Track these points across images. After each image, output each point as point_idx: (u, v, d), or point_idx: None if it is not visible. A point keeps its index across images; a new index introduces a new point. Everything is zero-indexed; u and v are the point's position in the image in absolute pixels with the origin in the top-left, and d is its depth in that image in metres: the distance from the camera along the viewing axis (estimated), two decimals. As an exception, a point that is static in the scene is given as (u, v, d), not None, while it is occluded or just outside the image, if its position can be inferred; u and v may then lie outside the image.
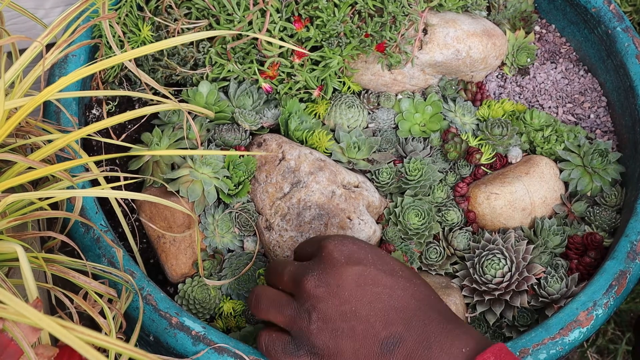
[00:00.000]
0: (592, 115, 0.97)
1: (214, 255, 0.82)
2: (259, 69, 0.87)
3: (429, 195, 0.86)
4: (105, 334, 0.64)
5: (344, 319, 0.62)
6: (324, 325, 0.62)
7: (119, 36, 0.84)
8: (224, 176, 0.82)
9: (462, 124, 0.92)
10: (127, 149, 0.86)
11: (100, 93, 0.72)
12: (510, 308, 0.80)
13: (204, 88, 0.87)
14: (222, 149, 0.85)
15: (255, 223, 0.82)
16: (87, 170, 0.76)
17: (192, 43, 0.87)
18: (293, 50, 0.87)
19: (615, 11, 0.95)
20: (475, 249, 0.82)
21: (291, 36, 0.87)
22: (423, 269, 0.84)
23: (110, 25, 0.76)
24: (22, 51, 0.69)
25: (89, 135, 0.80)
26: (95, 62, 0.86)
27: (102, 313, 0.65)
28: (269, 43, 0.86)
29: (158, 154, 0.70)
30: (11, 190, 0.64)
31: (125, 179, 0.80)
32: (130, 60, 0.74)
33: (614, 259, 0.78)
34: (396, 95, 0.93)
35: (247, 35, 0.85)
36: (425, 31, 0.91)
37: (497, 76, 0.98)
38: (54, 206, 0.72)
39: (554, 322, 0.74)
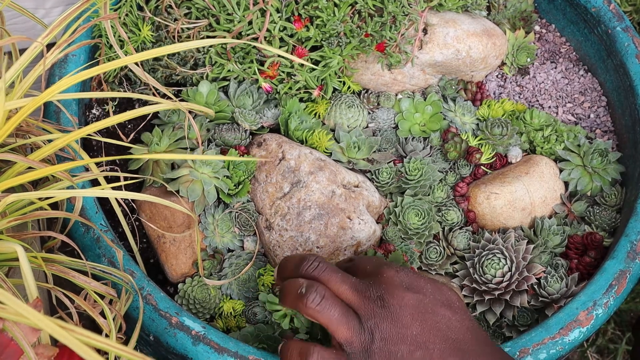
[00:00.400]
0: (592, 115, 0.97)
1: (214, 255, 0.82)
2: (259, 69, 0.87)
3: (429, 195, 0.86)
4: (106, 334, 0.64)
5: (404, 343, 0.62)
6: (384, 346, 0.62)
7: (119, 36, 0.84)
8: (224, 176, 0.82)
9: (462, 124, 0.92)
10: (127, 148, 0.86)
11: (102, 94, 0.72)
12: (510, 308, 0.80)
13: (204, 88, 0.87)
14: (222, 149, 0.85)
15: (255, 223, 0.82)
16: (87, 170, 0.76)
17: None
18: (293, 49, 0.87)
19: (615, 11, 0.95)
20: (475, 248, 0.82)
21: (291, 36, 0.87)
22: (423, 268, 0.84)
23: (111, 25, 0.76)
24: (22, 51, 0.69)
25: (88, 135, 0.80)
26: (96, 61, 0.86)
27: (102, 313, 0.65)
28: (269, 43, 0.86)
29: (156, 157, 0.70)
30: (11, 190, 0.64)
31: (125, 178, 0.80)
32: (138, 64, 0.74)
33: (614, 258, 0.78)
34: (396, 95, 0.93)
35: (247, 35, 0.85)
36: (425, 31, 0.91)
37: (497, 76, 0.98)
38: (54, 206, 0.72)
39: (554, 321, 0.74)
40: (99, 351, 0.50)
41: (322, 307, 0.63)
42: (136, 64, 0.73)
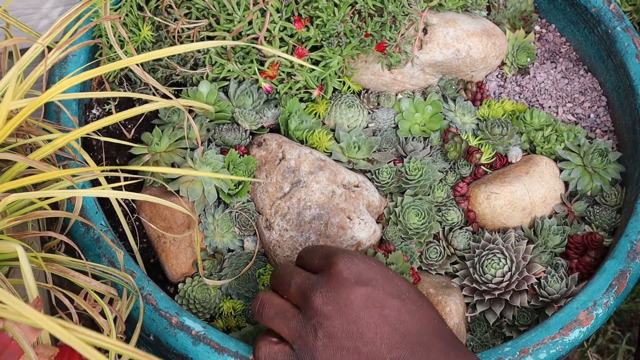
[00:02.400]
0: (592, 115, 0.97)
1: (214, 254, 0.82)
2: (259, 69, 0.87)
3: (429, 194, 0.86)
4: (107, 335, 0.64)
5: (350, 339, 0.62)
6: (330, 343, 0.62)
7: (120, 36, 0.84)
8: (224, 176, 0.82)
9: (462, 124, 0.92)
10: (127, 148, 0.86)
11: (103, 94, 0.73)
12: (511, 308, 0.80)
13: (204, 88, 0.87)
14: (222, 149, 0.85)
15: (255, 223, 0.82)
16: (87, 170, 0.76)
17: (191, 43, 0.87)
18: (293, 49, 0.87)
19: (615, 11, 0.95)
20: (475, 248, 0.82)
21: (291, 36, 0.87)
22: (423, 268, 0.84)
23: (112, 25, 0.76)
24: (22, 50, 0.69)
25: (88, 134, 0.80)
26: (96, 61, 0.86)
27: (102, 313, 0.65)
28: (269, 43, 0.86)
29: (154, 170, 0.70)
30: (12, 190, 0.64)
31: (126, 178, 0.80)
32: (139, 64, 0.74)
33: (614, 258, 0.78)
34: (396, 94, 0.93)
35: (247, 35, 0.85)
36: (425, 31, 0.91)
37: (497, 76, 0.98)
38: (54, 206, 0.72)
39: (554, 321, 0.74)
40: (100, 350, 0.50)
41: (259, 313, 0.66)
42: (137, 64, 0.73)
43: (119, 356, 0.62)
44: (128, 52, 0.84)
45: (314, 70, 0.89)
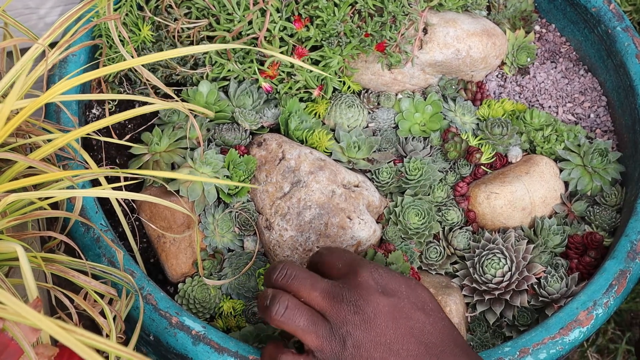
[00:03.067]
0: (592, 115, 0.97)
1: (214, 254, 0.82)
2: (259, 69, 0.87)
3: (429, 194, 0.86)
4: (106, 335, 0.64)
5: (377, 350, 0.62)
6: (357, 353, 0.62)
7: (120, 36, 0.84)
8: (224, 176, 0.82)
9: (462, 124, 0.92)
10: (127, 148, 0.86)
11: (103, 97, 0.73)
12: (511, 307, 0.80)
13: (204, 87, 0.87)
14: (222, 149, 0.85)
15: (255, 222, 0.82)
16: (87, 169, 0.76)
17: (191, 43, 0.87)
18: (293, 49, 0.87)
19: (615, 11, 0.95)
20: (475, 248, 0.82)
21: (291, 36, 0.87)
22: (423, 268, 0.84)
23: (115, 26, 0.76)
24: (22, 50, 0.69)
25: (88, 134, 0.80)
26: (96, 61, 0.86)
27: (102, 313, 0.65)
28: (270, 43, 0.86)
29: (153, 174, 0.70)
30: (12, 190, 0.64)
31: (126, 178, 0.80)
32: (144, 67, 0.74)
33: (614, 258, 0.78)
34: (396, 94, 0.93)
35: (247, 35, 0.85)
36: (425, 31, 0.91)
37: (497, 76, 0.98)
38: (54, 206, 0.72)
39: (554, 321, 0.74)
40: (98, 352, 0.50)
41: (286, 318, 0.63)
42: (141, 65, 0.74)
43: (118, 358, 0.62)
44: (128, 52, 0.84)
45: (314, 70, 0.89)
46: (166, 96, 0.84)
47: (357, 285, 0.64)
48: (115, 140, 0.76)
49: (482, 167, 0.89)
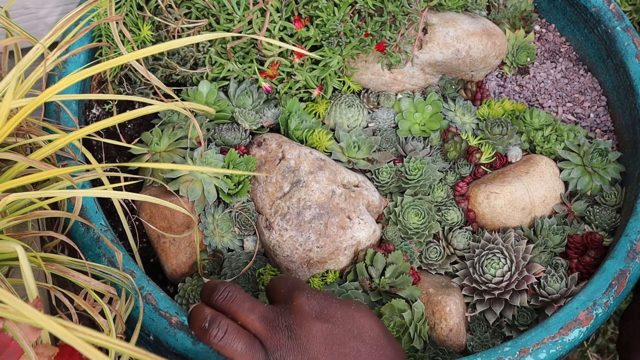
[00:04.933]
0: (592, 115, 0.97)
1: (214, 254, 0.82)
2: (258, 69, 0.87)
3: (428, 194, 0.86)
4: (107, 334, 0.64)
5: None
6: None
7: (121, 36, 0.84)
8: (224, 175, 0.82)
9: (462, 124, 0.92)
10: (128, 148, 0.86)
11: (102, 97, 0.73)
12: (510, 307, 0.80)
13: (204, 87, 0.87)
14: (222, 149, 0.85)
15: (255, 222, 0.82)
16: (87, 170, 0.76)
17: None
18: (293, 49, 0.87)
19: (615, 10, 0.95)
20: (475, 248, 0.83)
21: (291, 35, 0.87)
22: (423, 268, 0.84)
23: (116, 25, 0.76)
24: (23, 50, 0.69)
25: (88, 135, 0.80)
26: (96, 61, 0.86)
27: (102, 313, 0.65)
28: (269, 43, 0.86)
29: (156, 167, 0.70)
30: (12, 189, 0.64)
31: (126, 179, 0.80)
32: (139, 62, 0.74)
33: (613, 258, 0.78)
34: (396, 94, 0.93)
35: (248, 35, 0.85)
36: (425, 30, 0.91)
37: (497, 75, 0.98)
38: (54, 206, 0.72)
39: (553, 321, 0.74)
40: (100, 349, 0.50)
41: (225, 342, 0.63)
42: (137, 61, 0.73)
43: (119, 356, 0.62)
44: (129, 51, 0.84)
45: (314, 69, 0.89)
46: (166, 96, 0.84)
47: (292, 310, 0.64)
48: (116, 142, 0.76)
49: (482, 167, 0.89)
